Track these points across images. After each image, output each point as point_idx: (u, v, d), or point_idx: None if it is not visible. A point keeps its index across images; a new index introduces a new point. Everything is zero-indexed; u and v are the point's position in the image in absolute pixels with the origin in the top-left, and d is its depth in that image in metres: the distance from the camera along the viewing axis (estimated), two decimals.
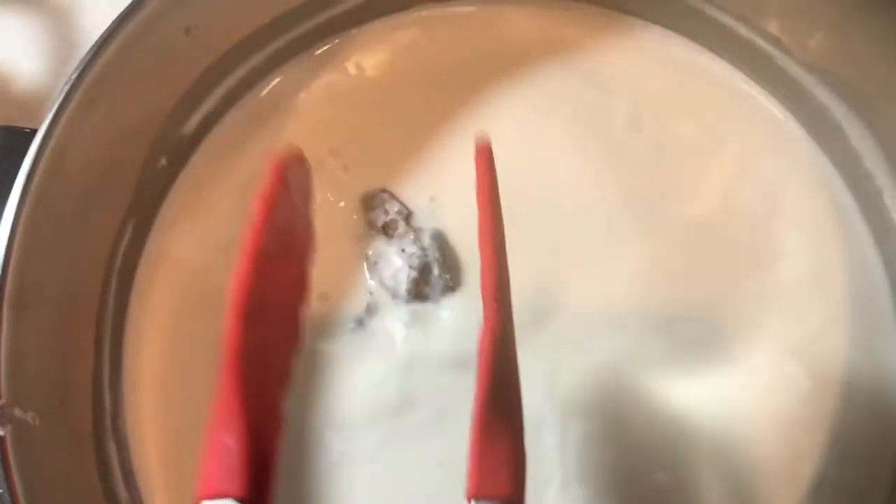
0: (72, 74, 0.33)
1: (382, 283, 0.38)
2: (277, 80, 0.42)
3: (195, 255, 0.39)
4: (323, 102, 0.41)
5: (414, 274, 0.38)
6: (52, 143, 0.32)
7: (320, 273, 0.33)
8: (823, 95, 0.39)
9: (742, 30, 0.40)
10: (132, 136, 0.37)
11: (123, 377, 0.38)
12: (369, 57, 0.42)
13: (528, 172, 0.39)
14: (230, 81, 0.40)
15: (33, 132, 0.33)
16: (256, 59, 0.41)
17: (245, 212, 0.39)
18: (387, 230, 0.39)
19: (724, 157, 0.40)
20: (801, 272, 0.38)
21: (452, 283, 0.38)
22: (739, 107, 0.40)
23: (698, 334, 0.37)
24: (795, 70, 0.39)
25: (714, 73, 0.41)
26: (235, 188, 0.40)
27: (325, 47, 0.42)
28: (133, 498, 0.36)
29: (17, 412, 0.30)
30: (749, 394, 0.36)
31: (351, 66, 0.42)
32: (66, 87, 0.33)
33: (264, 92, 0.42)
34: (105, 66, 0.34)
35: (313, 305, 0.34)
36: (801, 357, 0.37)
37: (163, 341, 0.39)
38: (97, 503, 0.34)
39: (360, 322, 0.38)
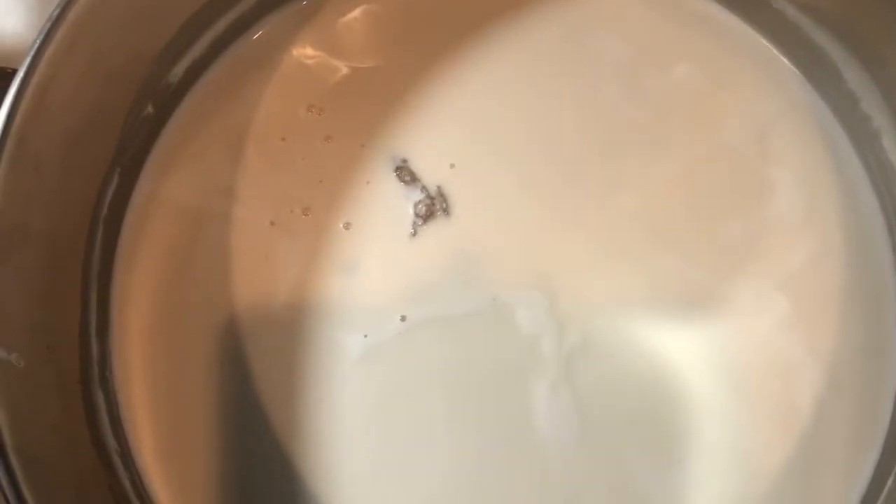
0: (53, 12, 0.32)
1: None
2: (266, 28, 0.41)
3: (185, 203, 0.39)
4: (312, 52, 0.41)
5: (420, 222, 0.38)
6: (33, 82, 0.31)
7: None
8: (820, 37, 0.38)
9: None
10: (117, 81, 0.36)
11: (111, 326, 0.37)
12: (358, 7, 0.41)
13: (522, 122, 0.39)
14: (218, 28, 0.40)
15: (14, 72, 0.32)
16: (244, 6, 0.40)
17: (235, 160, 0.40)
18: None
19: (718, 99, 0.39)
20: (794, 211, 0.38)
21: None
22: (735, 49, 0.40)
23: (689, 273, 0.37)
24: (792, 11, 0.38)
25: (709, 16, 0.40)
26: (224, 137, 0.40)
27: None
28: (121, 446, 0.36)
29: (1, 352, 0.30)
30: (739, 330, 0.36)
31: (339, 17, 0.41)
32: (48, 25, 0.32)
33: (253, 40, 0.41)
34: (88, 5, 0.33)
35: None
36: (790, 291, 0.37)
37: (151, 290, 0.38)
38: (85, 449, 0.34)
39: None
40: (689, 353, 0.36)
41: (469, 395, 0.37)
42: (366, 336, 0.37)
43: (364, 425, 0.36)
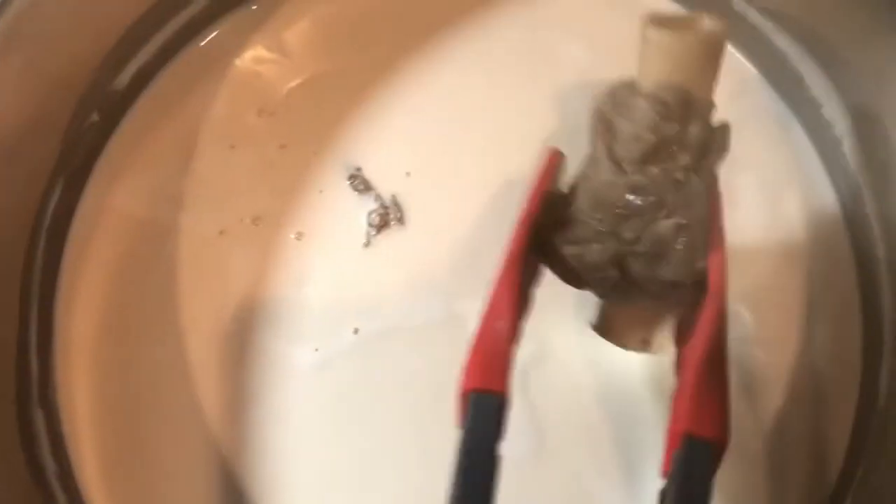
0: None
1: None
2: (214, 34, 0.40)
3: (132, 213, 0.38)
4: (262, 58, 0.39)
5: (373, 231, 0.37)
6: None
7: None
8: (782, 42, 0.37)
9: None
10: (58, 89, 0.35)
11: (55, 340, 0.36)
12: (308, 13, 0.40)
13: (478, 129, 0.38)
14: (165, 34, 0.39)
15: None
16: (192, 10, 0.39)
17: (184, 169, 0.38)
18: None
19: None
20: (758, 219, 0.37)
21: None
22: None
23: None
24: (753, 15, 0.37)
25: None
26: (173, 145, 0.39)
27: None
28: (62, 467, 0.34)
29: None
30: None
31: (289, 23, 0.40)
32: None
33: (201, 46, 0.40)
34: (20, 11, 0.31)
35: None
36: (753, 304, 0.36)
37: (98, 302, 0.37)
38: (18, 472, 0.33)
39: None
40: (647, 366, 0.35)
41: (423, 409, 0.35)
42: (317, 349, 0.36)
43: (314, 441, 0.35)
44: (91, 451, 0.35)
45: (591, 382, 0.35)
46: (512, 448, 0.34)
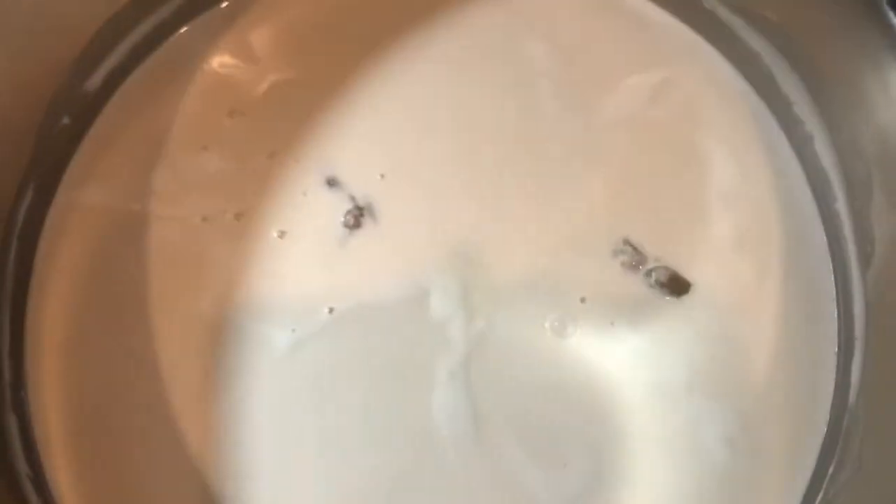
0: None
1: None
2: (185, 34, 0.39)
3: (104, 217, 0.38)
4: (234, 57, 0.39)
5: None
6: None
7: None
8: (752, 39, 0.37)
9: None
10: (27, 93, 0.35)
11: (27, 344, 0.36)
12: (280, 10, 0.40)
13: (448, 121, 0.38)
14: (135, 35, 0.39)
15: None
16: (163, 12, 0.39)
17: (156, 171, 0.38)
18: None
19: (658, 104, 0.38)
20: (734, 215, 0.37)
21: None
22: (673, 52, 0.39)
23: (609, 282, 0.36)
24: (723, 13, 0.37)
25: (644, 15, 0.39)
26: (145, 146, 0.38)
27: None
28: (35, 471, 0.35)
29: None
30: (660, 342, 0.36)
31: (260, 21, 0.40)
32: None
33: (172, 47, 0.39)
34: None
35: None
36: (729, 300, 0.36)
37: (70, 306, 0.37)
38: None
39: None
40: (601, 362, 0.36)
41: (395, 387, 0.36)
42: (294, 330, 0.36)
43: (278, 425, 0.36)
44: (62, 456, 0.35)
45: (530, 373, 0.36)
46: (448, 428, 0.35)
